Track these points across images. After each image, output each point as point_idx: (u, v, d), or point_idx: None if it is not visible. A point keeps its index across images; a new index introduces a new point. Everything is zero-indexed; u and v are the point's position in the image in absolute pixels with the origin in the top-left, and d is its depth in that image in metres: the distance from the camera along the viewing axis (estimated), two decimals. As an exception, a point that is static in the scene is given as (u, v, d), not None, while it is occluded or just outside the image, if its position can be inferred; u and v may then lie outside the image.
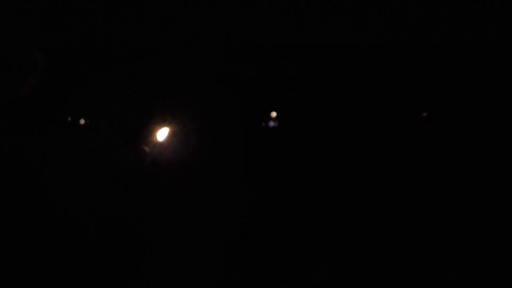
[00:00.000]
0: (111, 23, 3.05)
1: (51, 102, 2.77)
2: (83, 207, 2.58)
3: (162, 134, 2.95)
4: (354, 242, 2.90)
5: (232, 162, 3.08)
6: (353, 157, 3.17)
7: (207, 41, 3.18)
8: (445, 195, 2.99)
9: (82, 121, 3.10)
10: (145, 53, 3.13)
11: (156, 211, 2.84)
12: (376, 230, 2.94)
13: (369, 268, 2.77)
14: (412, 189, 3.03)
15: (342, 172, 3.12)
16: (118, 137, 2.89)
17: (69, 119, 3.05)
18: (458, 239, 2.82)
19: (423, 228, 2.90)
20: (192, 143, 3.07)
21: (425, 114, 3.22)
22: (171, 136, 3.00)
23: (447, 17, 3.19)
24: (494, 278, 2.61)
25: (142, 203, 2.83)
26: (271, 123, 3.38)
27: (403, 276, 2.70)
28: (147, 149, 2.80)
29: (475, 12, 3.12)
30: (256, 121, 3.38)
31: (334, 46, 3.29)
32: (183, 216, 2.86)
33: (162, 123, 2.99)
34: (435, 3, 3.17)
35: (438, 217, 2.93)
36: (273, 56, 3.31)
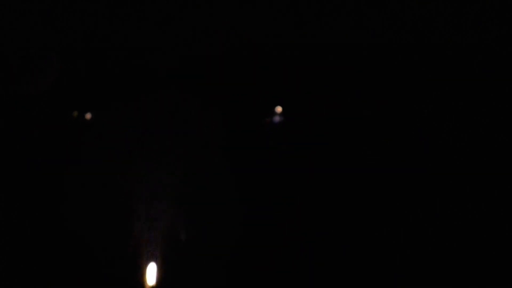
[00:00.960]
0: (111, 23, 3.06)
1: (51, 102, 2.77)
2: (83, 207, 2.58)
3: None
4: (354, 242, 2.90)
5: (233, 162, 3.08)
6: (353, 157, 3.17)
7: (207, 41, 3.19)
8: (445, 195, 2.99)
9: (82, 121, 3.10)
10: (145, 53, 3.14)
11: (155, 211, 2.84)
12: (376, 230, 2.94)
13: (369, 268, 2.77)
14: (412, 189, 3.03)
15: (342, 172, 3.13)
16: (117, 135, 2.90)
17: (69, 118, 3.05)
18: (458, 239, 2.82)
19: (423, 228, 2.90)
20: (193, 142, 3.08)
21: (426, 111, 3.22)
22: (172, 135, 3.00)
23: (447, 17, 3.19)
24: (494, 278, 2.61)
25: (142, 202, 2.83)
26: (274, 120, 3.38)
27: (403, 276, 2.70)
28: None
29: (475, 12, 3.12)
30: (255, 121, 3.38)
31: (334, 46, 3.29)
32: (183, 215, 2.86)
33: (164, 121, 2.99)
34: (435, 3, 3.18)
35: (438, 217, 2.93)
36: (273, 56, 3.31)
